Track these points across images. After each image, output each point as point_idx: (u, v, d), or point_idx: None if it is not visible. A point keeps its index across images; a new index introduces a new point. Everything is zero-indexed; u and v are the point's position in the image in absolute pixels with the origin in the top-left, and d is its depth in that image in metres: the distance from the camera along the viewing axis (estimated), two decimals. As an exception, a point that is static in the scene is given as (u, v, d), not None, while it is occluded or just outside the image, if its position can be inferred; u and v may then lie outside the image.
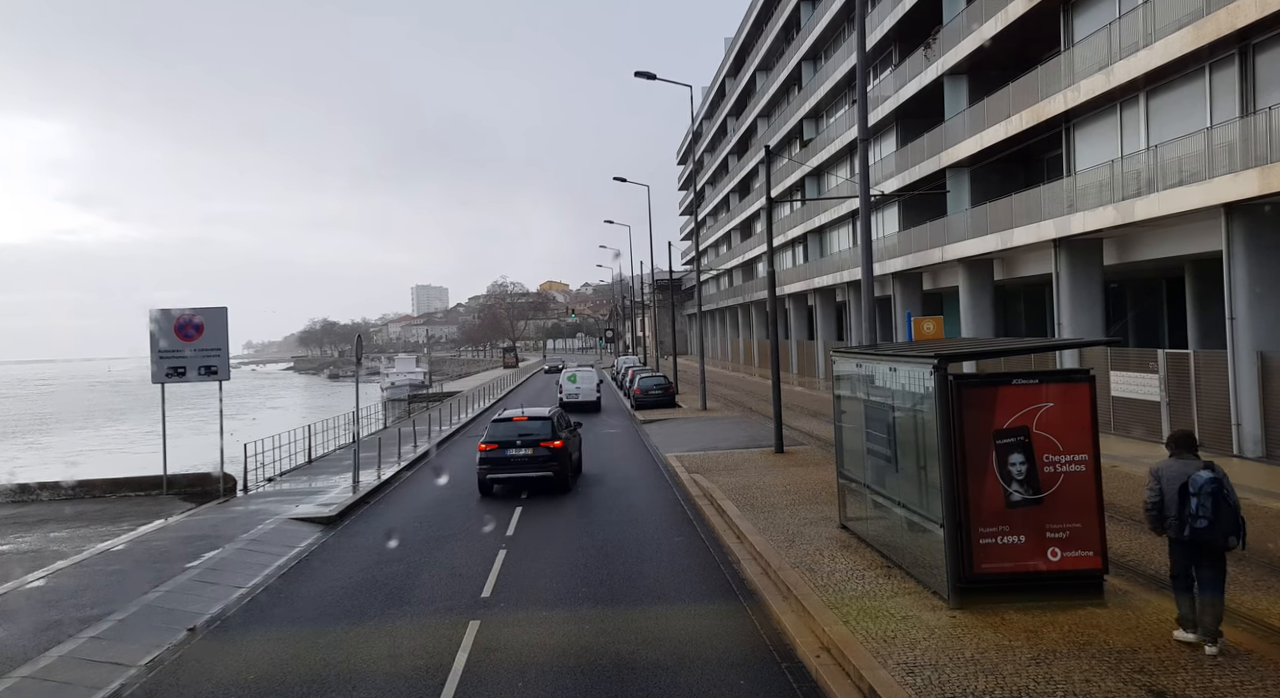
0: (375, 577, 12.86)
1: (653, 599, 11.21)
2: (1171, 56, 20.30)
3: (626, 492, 19.22)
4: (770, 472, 19.70)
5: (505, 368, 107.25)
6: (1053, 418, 9.36)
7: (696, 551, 13.57)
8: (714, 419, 32.93)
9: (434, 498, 20.03)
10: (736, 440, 25.93)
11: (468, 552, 14.24)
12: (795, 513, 14.93)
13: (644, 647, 9.43)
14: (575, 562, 13.34)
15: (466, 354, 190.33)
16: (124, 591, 11.89)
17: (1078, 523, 9.31)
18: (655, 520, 16.20)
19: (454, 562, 13.62)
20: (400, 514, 18.17)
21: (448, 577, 12.73)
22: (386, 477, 22.30)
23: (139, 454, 39.75)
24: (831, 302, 51.23)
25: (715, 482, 18.59)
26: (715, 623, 10.20)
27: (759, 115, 64.26)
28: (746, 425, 30.16)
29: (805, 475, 18.90)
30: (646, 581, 12.05)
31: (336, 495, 19.69)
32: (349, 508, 18.33)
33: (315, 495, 20.12)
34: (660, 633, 9.90)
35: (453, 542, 15.08)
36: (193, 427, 35.86)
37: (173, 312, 20.87)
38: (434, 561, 13.80)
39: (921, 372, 9.92)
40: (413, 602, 11.54)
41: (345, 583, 12.69)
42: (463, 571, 13.04)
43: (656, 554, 13.55)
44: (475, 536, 15.52)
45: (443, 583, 12.41)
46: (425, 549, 14.52)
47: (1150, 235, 23.90)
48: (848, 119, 43.99)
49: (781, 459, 21.61)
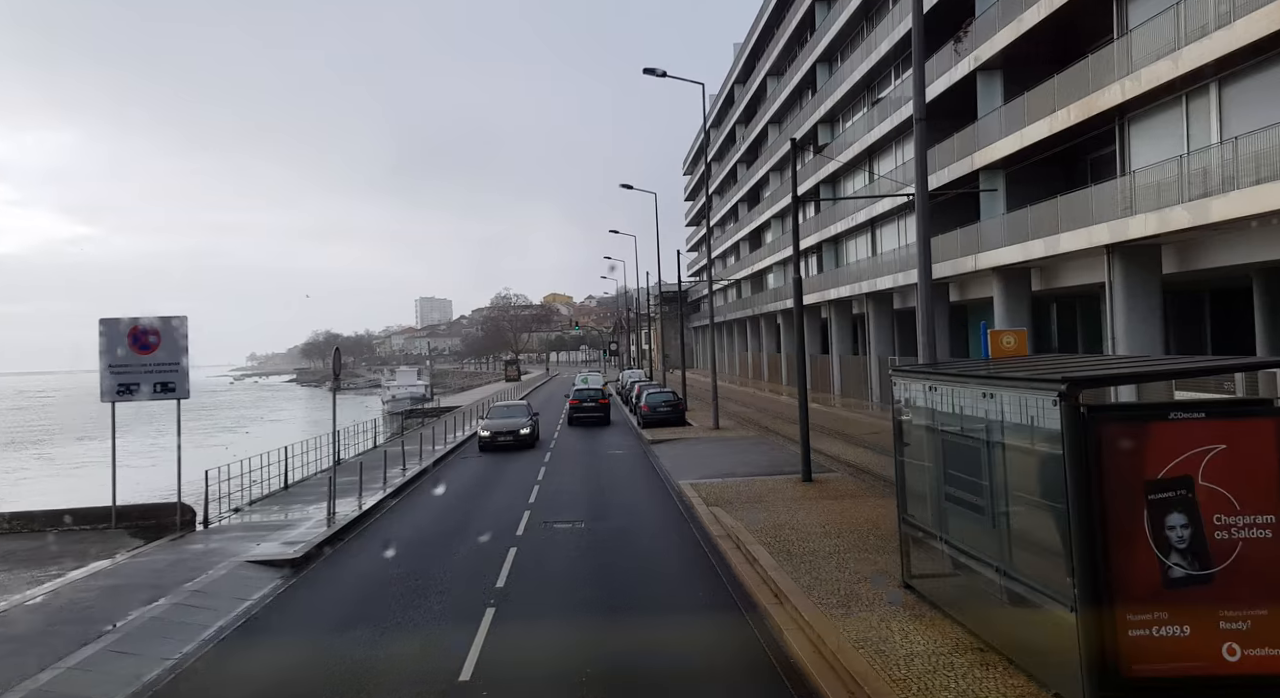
0: (331, 651, 10.39)
1: (677, 687, 8.78)
2: (1254, 38, 17.95)
3: (637, 533, 16.69)
4: (802, 506, 17.25)
5: (507, 381, 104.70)
6: (1226, 465, 6.93)
7: (726, 616, 11.08)
8: (729, 440, 30.47)
9: (416, 535, 17.59)
10: (757, 466, 23.49)
11: (448, 612, 11.81)
12: (843, 564, 12.47)
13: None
14: (578, 629, 10.90)
15: (470, 366, 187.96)
16: (5, 671, 9.44)
17: (1264, 609, 6.86)
18: (673, 571, 13.77)
19: (430, 629, 11.16)
20: (374, 556, 15.72)
21: (419, 653, 10.27)
22: (368, 506, 19.88)
23: (114, 476, 37.20)
24: (847, 314, 48.82)
25: (740, 518, 16.14)
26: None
27: (770, 121, 62.01)
28: (765, 448, 27.72)
29: (844, 512, 16.43)
30: (666, 658, 9.60)
31: (307, 531, 17.24)
32: (318, 546, 15.89)
33: (283, 531, 17.66)
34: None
35: (432, 596, 12.62)
36: (188, 441, 33.51)
37: (125, 320, 18.49)
38: (407, 623, 11.35)
39: (1038, 399, 7.50)
40: (372, 691, 9.10)
41: (292, 659, 10.26)
42: (439, 642, 10.60)
43: (678, 620, 11.10)
44: (459, 586, 13.07)
45: (412, 662, 9.95)
46: (398, 608, 12.06)
47: (1216, 241, 21.51)
48: (866, 122, 41.70)
49: (811, 490, 19.15)
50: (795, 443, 29.01)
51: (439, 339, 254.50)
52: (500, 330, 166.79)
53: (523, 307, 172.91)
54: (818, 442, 28.14)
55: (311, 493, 22.58)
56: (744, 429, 33.91)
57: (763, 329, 68.87)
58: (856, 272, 43.97)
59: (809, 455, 20.26)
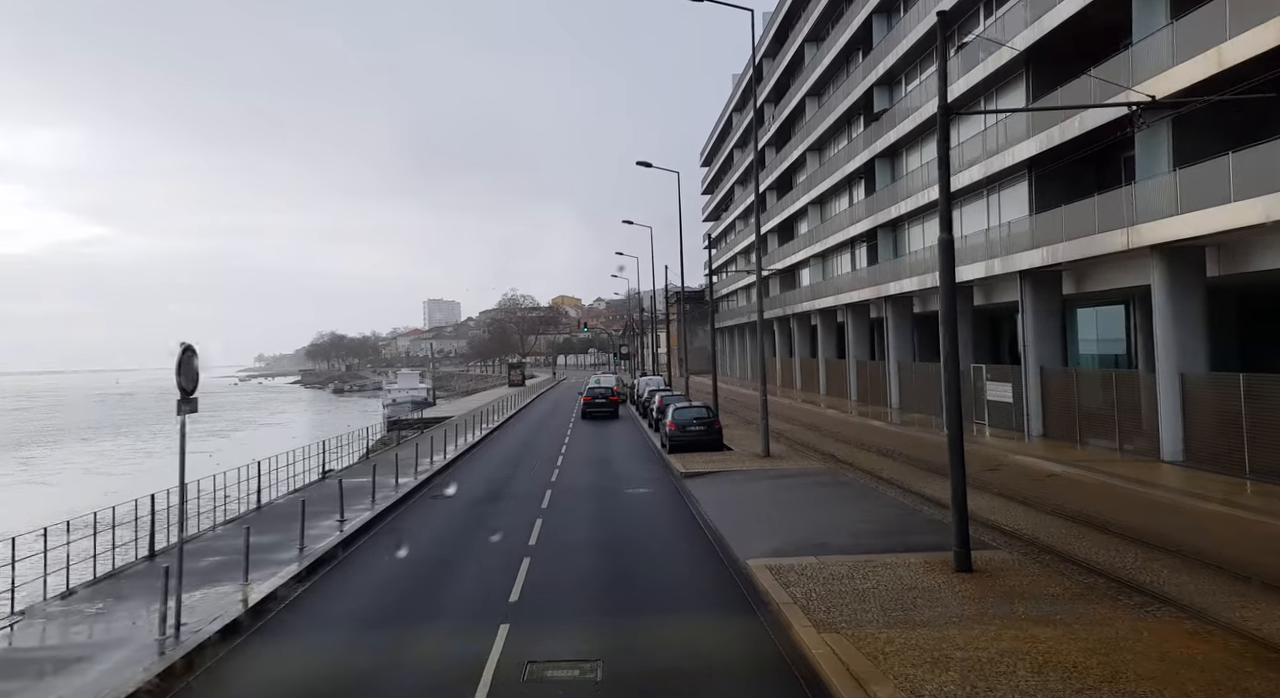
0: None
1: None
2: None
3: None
4: (998, 631, 9.59)
5: (511, 386, 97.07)
6: None
7: None
8: (789, 475, 22.78)
9: (350, 642, 10.12)
10: (856, 526, 15.82)
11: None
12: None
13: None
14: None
15: (475, 369, 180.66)
16: None
17: None
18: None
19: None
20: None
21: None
22: (301, 568, 12.50)
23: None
24: (907, 312, 41.08)
25: (914, 690, 8.45)
26: None
27: (808, 93, 54.32)
28: (850, 492, 20.00)
29: (1108, 663, 8.74)
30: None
31: (147, 657, 9.67)
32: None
33: (100, 653, 10.10)
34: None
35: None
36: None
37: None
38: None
39: None
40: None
41: None
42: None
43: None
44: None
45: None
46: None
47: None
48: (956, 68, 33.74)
49: (982, 588, 11.44)
50: (882, 480, 21.56)
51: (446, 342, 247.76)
52: (506, 333, 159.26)
53: (530, 308, 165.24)
54: (925, 484, 20.52)
55: (275, 523, 15.53)
56: (802, 457, 26.22)
57: (794, 331, 61.17)
58: (924, 261, 36.24)
59: (965, 527, 12.48)
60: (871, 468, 23.43)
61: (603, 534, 17.09)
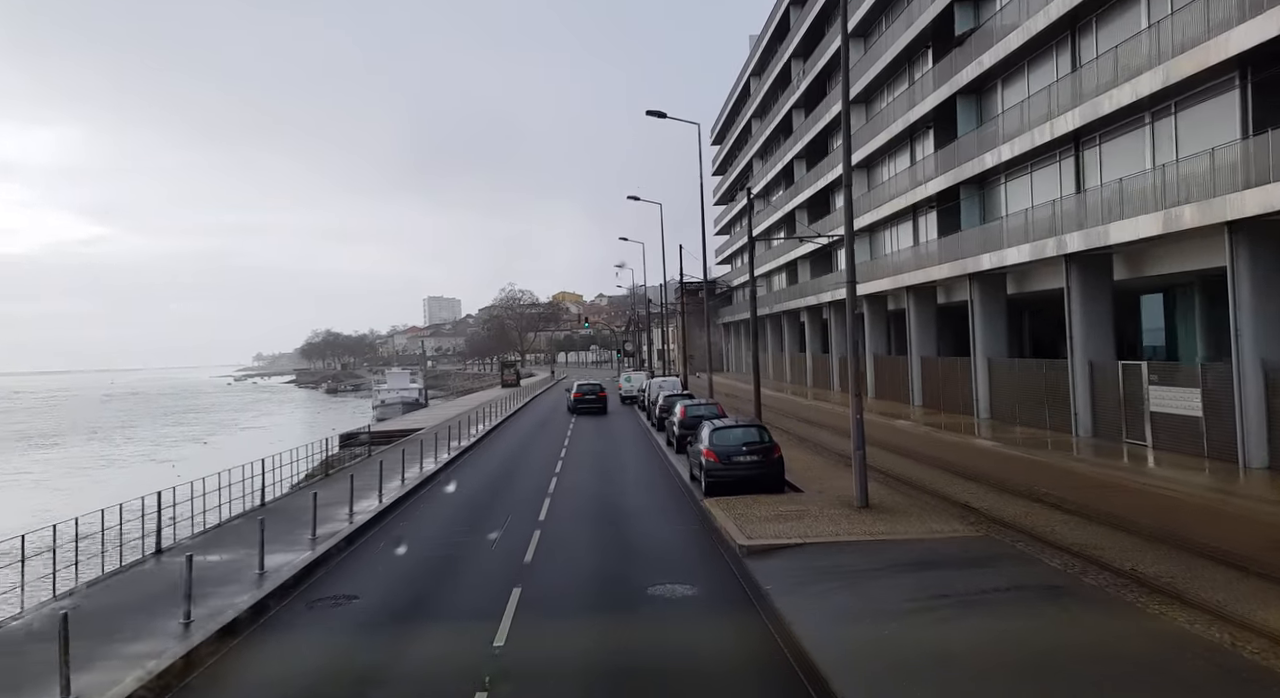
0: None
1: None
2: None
3: None
4: None
5: (504, 387, 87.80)
6: None
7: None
8: (927, 551, 13.45)
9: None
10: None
11: None
12: None
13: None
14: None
15: (473, 367, 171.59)
16: None
17: None
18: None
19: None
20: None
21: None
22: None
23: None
24: (999, 294, 31.83)
25: None
26: None
27: (853, 34, 44.99)
28: (1063, 610, 10.68)
29: None
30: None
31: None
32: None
33: None
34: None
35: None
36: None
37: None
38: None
39: None
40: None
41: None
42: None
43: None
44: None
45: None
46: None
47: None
48: None
49: None
50: (1120, 578, 10.84)
51: (444, 339, 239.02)
52: (505, 329, 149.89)
53: (530, 304, 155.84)
54: (1139, 552, 11.09)
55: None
56: (924, 509, 16.68)
57: (831, 322, 51.97)
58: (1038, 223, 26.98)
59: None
60: (1062, 539, 13.99)
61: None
